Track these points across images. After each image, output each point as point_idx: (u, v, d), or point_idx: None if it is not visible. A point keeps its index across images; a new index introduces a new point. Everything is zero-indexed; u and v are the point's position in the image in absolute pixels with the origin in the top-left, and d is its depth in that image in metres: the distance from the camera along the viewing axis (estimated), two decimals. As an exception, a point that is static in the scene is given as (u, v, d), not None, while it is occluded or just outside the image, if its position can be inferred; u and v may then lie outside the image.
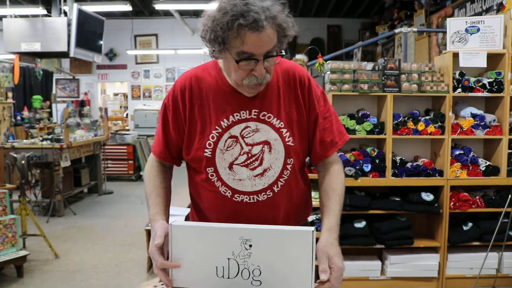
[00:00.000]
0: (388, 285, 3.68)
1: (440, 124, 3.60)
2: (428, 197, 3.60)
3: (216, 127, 1.40)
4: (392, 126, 3.54)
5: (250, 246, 1.22)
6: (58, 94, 12.19)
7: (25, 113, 9.19)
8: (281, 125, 1.41)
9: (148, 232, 3.52)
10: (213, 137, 1.40)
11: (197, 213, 1.56)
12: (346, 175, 3.41)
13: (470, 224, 3.74)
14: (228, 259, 1.23)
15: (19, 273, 4.01)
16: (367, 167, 3.54)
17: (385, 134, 3.54)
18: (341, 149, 1.48)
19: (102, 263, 4.28)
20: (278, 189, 1.43)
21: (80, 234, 5.26)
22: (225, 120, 1.40)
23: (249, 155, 1.40)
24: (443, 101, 3.63)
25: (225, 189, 1.42)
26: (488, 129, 3.65)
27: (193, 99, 1.42)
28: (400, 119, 3.58)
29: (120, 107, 15.11)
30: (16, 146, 5.98)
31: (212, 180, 1.42)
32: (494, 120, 3.67)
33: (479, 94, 3.62)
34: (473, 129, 3.65)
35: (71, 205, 6.52)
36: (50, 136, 6.51)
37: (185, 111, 1.43)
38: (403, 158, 3.67)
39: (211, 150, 1.40)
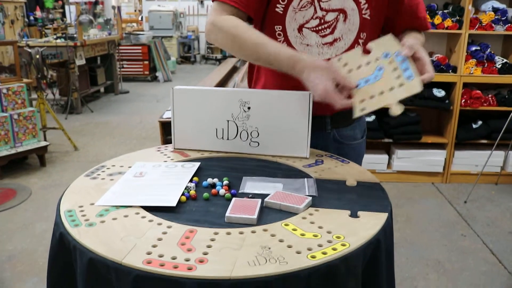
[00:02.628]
0: (393, 177, 3.80)
1: (458, 18, 3.48)
2: (439, 93, 3.58)
3: None
4: (407, 19, 3.43)
5: (249, 108, 1.26)
6: (70, -6, 11.94)
7: (38, 13, 9.10)
8: None
9: (162, 124, 3.61)
10: None
11: (256, 76, 1.46)
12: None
13: (479, 122, 3.75)
14: (228, 121, 1.28)
15: (42, 163, 4.23)
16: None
17: (399, 27, 3.45)
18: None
19: (119, 154, 4.42)
20: None
21: (97, 129, 5.44)
22: None
23: (322, 21, 1.29)
24: (464, -7, 3.48)
25: None
26: (509, 24, 3.52)
27: None
28: (416, 12, 3.46)
29: (135, 10, 14.80)
30: (30, 44, 5.99)
31: (279, 40, 1.32)
32: (516, 15, 3.53)
33: (503, -14, 3.45)
34: (493, 24, 3.52)
35: (88, 103, 6.66)
36: (63, 35, 6.50)
37: None
38: (417, 53, 3.61)
39: (283, 6, 1.29)
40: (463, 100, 3.63)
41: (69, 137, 4.65)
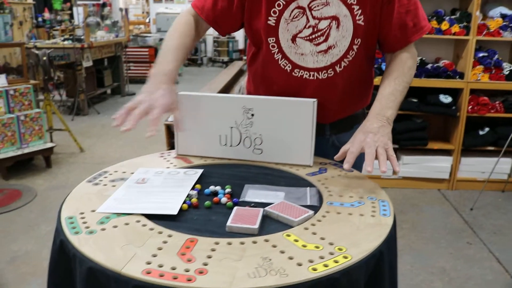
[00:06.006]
0: (399, 183, 3.78)
1: (465, 24, 3.46)
2: (446, 99, 3.56)
3: None
4: (414, 25, 3.41)
5: (252, 115, 1.25)
6: (79, -4, 11.99)
7: (46, 15, 9.14)
8: (353, 1, 1.27)
9: (167, 127, 3.62)
10: (279, 5, 1.28)
11: (254, 87, 1.49)
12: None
13: (486, 129, 3.72)
14: (231, 128, 1.28)
15: (48, 164, 4.25)
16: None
17: (406, 33, 3.42)
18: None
19: (124, 156, 4.46)
20: (341, 69, 1.33)
21: (103, 131, 5.46)
22: None
23: (315, 29, 1.28)
24: (472, -1, 3.46)
25: (285, 63, 1.34)
26: (517, 30, 3.50)
27: None
28: (423, 18, 3.44)
29: (143, 12, 14.86)
30: (38, 45, 6.02)
31: (273, 51, 1.33)
32: (524, 21, 3.51)
33: (511, -8, 3.43)
34: (501, 31, 3.50)
35: (95, 105, 6.68)
36: (71, 37, 6.53)
37: None
38: (424, 59, 3.59)
39: (275, 18, 1.29)
40: (470, 106, 3.61)
41: (75, 139, 4.67)
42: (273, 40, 1.32)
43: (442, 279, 2.56)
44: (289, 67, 1.34)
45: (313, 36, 1.30)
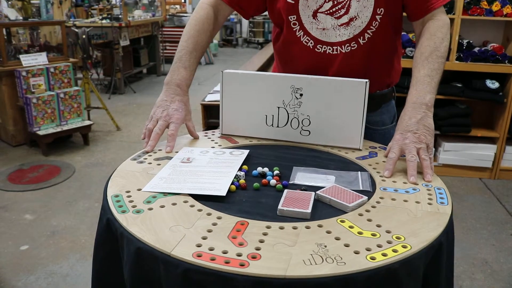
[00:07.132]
0: (439, 171, 3.66)
1: (518, 5, 3.28)
2: (493, 84, 3.40)
3: None
4: (462, 5, 3.26)
5: (301, 95, 1.20)
6: (116, -25, 12.05)
7: (85, -7, 9.22)
8: None
9: (204, 107, 3.59)
10: None
11: (280, 67, 1.49)
12: (407, 56, 3.25)
13: (535, 117, 3.55)
14: (278, 107, 1.23)
15: (86, 141, 4.32)
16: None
17: (453, 14, 3.28)
18: (403, 28, 1.29)
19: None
20: (364, 41, 1.29)
21: (140, 110, 5.51)
22: None
23: (335, 2, 1.26)
24: (526, -21, 3.27)
25: (307, 39, 1.32)
26: None
27: None
28: (473, -2, 3.29)
29: (178, -8, 14.84)
30: (77, 24, 6.08)
31: (294, 29, 1.31)
32: None
33: None
34: (556, 13, 3.30)
35: (131, 84, 6.74)
36: (109, 16, 6.58)
37: None
38: (471, 42, 3.43)
39: None
40: (519, 92, 3.44)
41: (112, 117, 4.72)
42: (294, 18, 1.31)
43: (484, 271, 2.47)
44: (311, 43, 1.32)
45: (334, 9, 1.28)
